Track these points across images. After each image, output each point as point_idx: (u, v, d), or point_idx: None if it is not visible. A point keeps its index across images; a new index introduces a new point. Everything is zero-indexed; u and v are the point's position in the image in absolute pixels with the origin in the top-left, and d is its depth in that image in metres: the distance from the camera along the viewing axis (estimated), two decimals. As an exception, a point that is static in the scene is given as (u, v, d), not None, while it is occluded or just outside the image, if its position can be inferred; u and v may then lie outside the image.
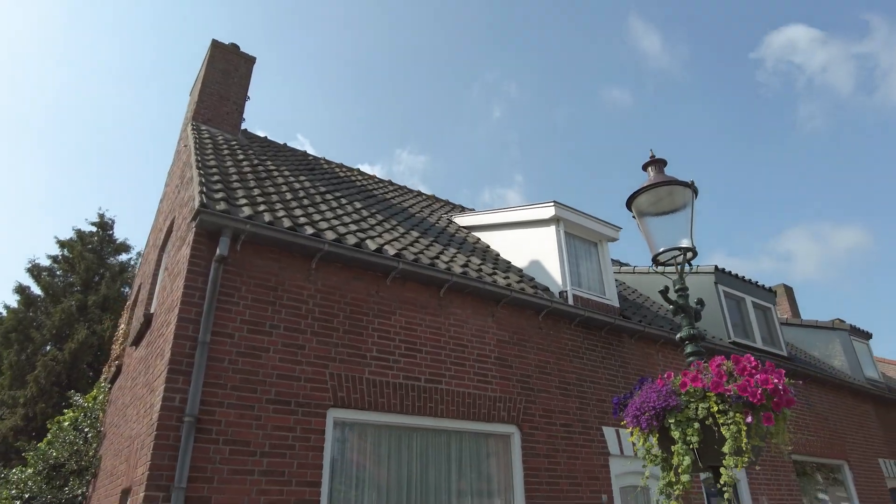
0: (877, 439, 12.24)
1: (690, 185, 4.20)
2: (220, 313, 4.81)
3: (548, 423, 6.67)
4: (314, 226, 5.86)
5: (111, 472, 6.38)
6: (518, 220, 8.84)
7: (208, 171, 6.16)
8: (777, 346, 11.05)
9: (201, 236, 5.01)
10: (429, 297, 6.22)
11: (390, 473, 5.41)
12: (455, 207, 12.06)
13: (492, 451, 6.23)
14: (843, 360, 13.60)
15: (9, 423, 15.49)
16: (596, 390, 7.38)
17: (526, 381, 6.69)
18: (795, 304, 20.63)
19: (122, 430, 6.45)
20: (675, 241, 4.17)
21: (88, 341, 17.16)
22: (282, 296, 5.22)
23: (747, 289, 11.18)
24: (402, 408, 5.56)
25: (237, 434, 4.55)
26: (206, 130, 8.51)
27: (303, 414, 4.92)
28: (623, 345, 8.10)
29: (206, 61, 9.47)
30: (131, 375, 6.80)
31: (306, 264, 5.48)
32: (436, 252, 7.05)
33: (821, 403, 11.25)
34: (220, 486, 4.35)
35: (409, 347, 5.84)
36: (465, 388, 6.11)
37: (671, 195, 4.26)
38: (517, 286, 7.05)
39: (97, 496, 7.12)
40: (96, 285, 19.42)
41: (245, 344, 4.86)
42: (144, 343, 6.39)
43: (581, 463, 6.73)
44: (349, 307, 5.60)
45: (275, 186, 6.97)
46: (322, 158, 10.81)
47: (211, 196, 5.30)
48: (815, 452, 10.43)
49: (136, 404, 5.81)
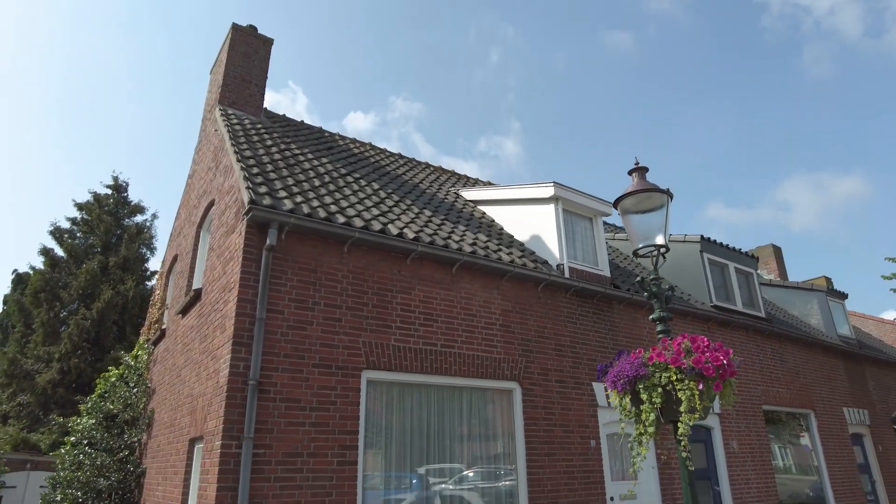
0: (843, 390, 13.44)
1: (667, 192, 5.04)
2: (272, 294, 5.73)
3: (544, 380, 7.72)
4: (343, 213, 6.71)
5: (171, 423, 7.46)
6: (520, 197, 9.66)
7: (247, 163, 6.95)
8: (756, 308, 12.07)
9: (252, 228, 5.87)
10: (443, 274, 7.14)
11: (412, 422, 6.47)
12: (460, 179, 12.83)
13: (496, 404, 7.29)
14: (819, 319, 14.69)
15: (46, 376, 16.71)
16: (587, 351, 8.40)
17: (526, 344, 7.70)
18: (783, 263, 21.62)
19: (178, 388, 7.49)
20: (652, 238, 5.05)
21: (114, 301, 18.22)
22: (321, 277, 6.14)
23: (730, 255, 12.11)
24: (421, 368, 6.56)
25: (290, 393, 5.56)
26: (234, 114, 9.21)
27: (342, 375, 5.92)
28: (613, 310, 9.08)
29: (228, 46, 10.03)
30: (182, 341, 7.79)
31: (339, 249, 6.37)
32: (447, 231, 7.92)
33: (793, 359, 12.37)
34: (279, 435, 5.39)
35: (427, 318, 6.80)
36: (474, 351, 7.11)
37: (650, 198, 5.10)
38: (519, 261, 7.96)
39: (156, 444, 8.24)
40: (116, 247, 20.33)
41: (293, 319, 5.81)
42: (194, 315, 7.35)
43: (573, 413, 7.82)
44: (376, 285, 6.53)
45: (303, 172, 7.77)
46: (336, 134, 11.51)
47: (256, 191, 6.13)
48: (784, 403, 11.61)
49: (193, 368, 6.81)
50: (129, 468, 8.76)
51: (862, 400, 13.92)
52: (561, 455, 7.44)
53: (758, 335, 11.68)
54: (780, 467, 11.77)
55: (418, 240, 6.88)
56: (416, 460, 6.43)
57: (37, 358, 17.36)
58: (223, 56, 10.13)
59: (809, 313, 14.95)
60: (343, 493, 5.55)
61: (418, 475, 6.43)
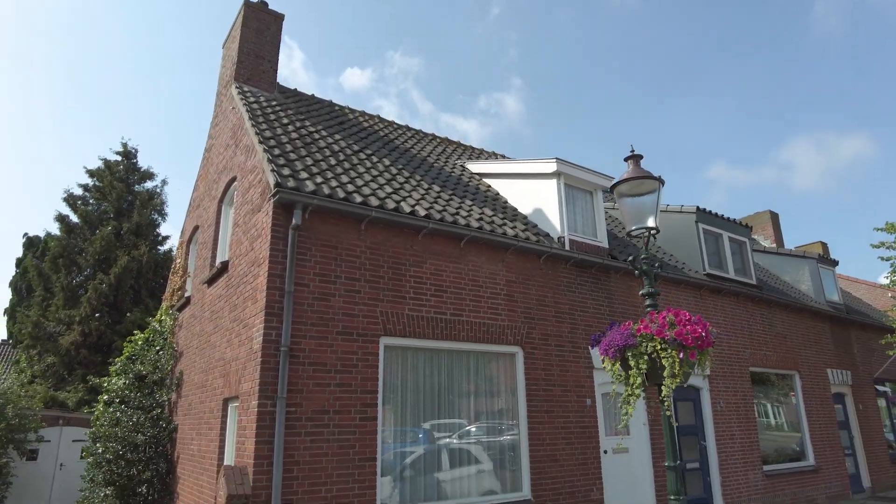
0: (828, 353, 14.16)
1: (658, 178, 5.54)
2: (298, 269, 6.31)
3: (545, 345, 8.37)
4: (360, 192, 7.21)
5: (202, 384, 8.15)
6: (524, 171, 10.13)
7: (269, 145, 7.41)
8: (748, 276, 12.65)
9: (278, 208, 6.40)
10: (452, 248, 7.69)
11: (425, 382, 7.15)
12: (466, 150, 13.24)
13: (501, 366, 7.96)
14: (810, 285, 15.29)
15: (69, 338, 17.49)
16: (585, 317, 9.03)
17: (528, 312, 8.32)
18: (780, 229, 22.17)
19: (207, 352, 8.15)
20: (644, 220, 5.58)
21: (129, 266, 18.84)
22: (341, 253, 6.70)
23: (725, 225, 12.62)
24: (433, 335, 7.19)
25: (317, 358, 6.19)
26: (249, 92, 9.60)
27: (362, 342, 6.55)
28: (610, 279, 9.67)
29: (241, 22, 10.31)
30: (209, 309, 8.41)
31: (357, 227, 6.90)
32: (455, 206, 8.44)
33: (781, 324, 13.03)
34: (308, 395, 6.05)
35: (438, 289, 7.39)
36: (480, 319, 7.72)
37: (643, 184, 5.61)
38: (522, 235, 8.51)
39: (186, 402, 8.97)
40: (128, 213, 20.82)
41: (318, 291, 6.39)
42: (222, 285, 7.94)
43: (570, 374, 8.50)
44: (391, 259, 7.09)
45: (320, 151, 8.23)
46: (346, 108, 11.88)
47: (280, 173, 6.63)
48: (770, 365, 12.33)
49: (223, 334, 7.45)
50: (161, 424, 9.53)
51: (846, 362, 14.66)
52: (559, 412, 8.16)
53: (748, 301, 12.30)
54: (773, 425, 12.63)
55: (429, 217, 7.40)
56: (427, 416, 7.13)
57: (58, 321, 18.09)
58: (236, 32, 10.43)
59: (801, 279, 15.54)
60: (365, 445, 6.26)
61: (429, 429, 7.14)
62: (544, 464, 7.76)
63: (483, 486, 7.38)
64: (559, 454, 7.95)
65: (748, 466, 10.89)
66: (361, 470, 6.16)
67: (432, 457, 7.05)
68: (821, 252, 23.73)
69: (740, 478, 10.65)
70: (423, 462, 6.96)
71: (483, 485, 7.38)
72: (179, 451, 8.93)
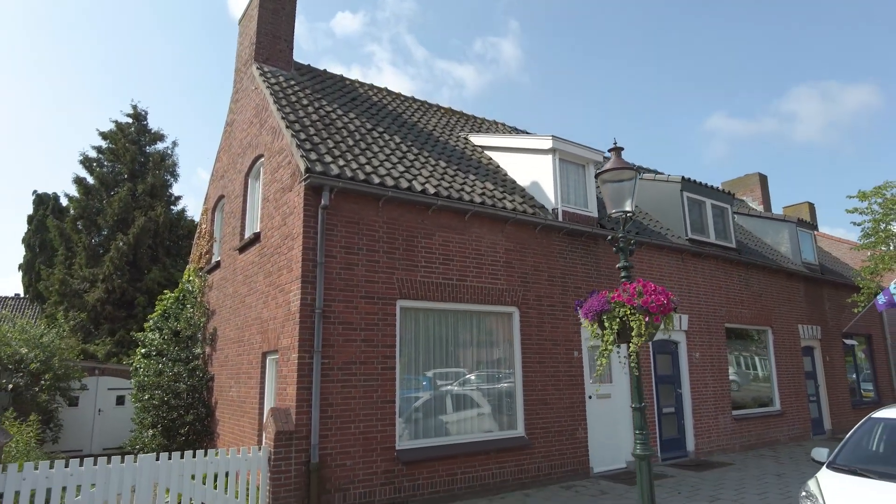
0: (801, 310, 15.39)
1: (635, 169, 6.51)
2: (327, 242, 7.34)
3: (538, 305, 9.50)
4: (377, 173, 8.17)
5: (239, 339, 9.31)
6: (522, 146, 11.03)
7: (294, 129, 8.31)
8: (728, 240, 13.72)
9: (308, 190, 7.38)
10: (458, 221, 8.71)
11: (434, 338, 8.30)
12: (468, 121, 14.03)
13: (500, 323, 9.11)
14: (788, 247, 16.39)
15: (94, 295, 18.66)
16: (575, 280, 10.14)
17: (524, 276, 9.41)
18: (768, 191, 23.14)
19: (243, 312, 9.27)
20: (622, 204, 6.58)
21: (147, 226, 19.84)
22: (362, 228, 7.72)
23: (708, 193, 13.60)
24: (441, 298, 8.30)
25: (345, 318, 7.31)
26: (269, 72, 10.38)
27: (381, 304, 7.65)
28: (598, 246, 10.73)
29: (258, 3, 10.97)
30: (242, 273, 9.49)
31: (376, 205, 7.90)
32: (460, 182, 9.40)
33: (758, 284, 14.19)
34: (338, 349, 7.19)
35: (445, 258, 8.46)
36: (482, 283, 8.82)
37: (623, 173, 6.58)
38: (520, 208, 9.51)
39: (222, 355, 10.16)
40: (142, 174, 21.66)
41: (344, 261, 7.45)
42: (254, 253, 8.99)
43: (560, 331, 9.68)
44: (405, 232, 8.12)
45: (338, 132, 9.12)
46: (356, 82, 12.62)
47: (308, 157, 7.57)
48: (745, 322, 13.56)
49: (259, 297, 8.55)
50: (198, 375, 10.76)
51: (816, 318, 15.92)
52: (550, 363, 9.37)
53: (727, 263, 13.41)
54: (759, 376, 13.98)
55: (437, 194, 8.39)
56: (436, 366, 8.32)
57: (83, 279, 19.21)
58: (253, 12, 11.11)
59: (781, 241, 16.62)
60: (385, 390, 7.46)
61: (434, 377, 8.35)
62: (536, 407, 9.02)
63: (483, 426, 8.65)
64: (549, 398, 9.21)
65: (719, 411, 12.25)
66: (383, 410, 7.38)
67: (440, 401, 8.29)
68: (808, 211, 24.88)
69: (711, 421, 12.03)
70: (432, 405, 8.20)
71: (483, 425, 8.66)
72: (217, 398, 10.19)
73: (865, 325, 17.98)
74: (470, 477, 7.99)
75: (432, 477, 7.63)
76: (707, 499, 8.10)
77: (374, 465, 7.18)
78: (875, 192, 14.63)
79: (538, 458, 8.84)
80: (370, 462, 7.16)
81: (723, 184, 23.72)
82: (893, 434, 5.96)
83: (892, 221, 14.54)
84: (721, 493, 8.46)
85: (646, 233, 11.74)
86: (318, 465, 6.74)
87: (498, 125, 14.97)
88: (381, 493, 7.17)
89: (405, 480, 7.39)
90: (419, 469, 7.54)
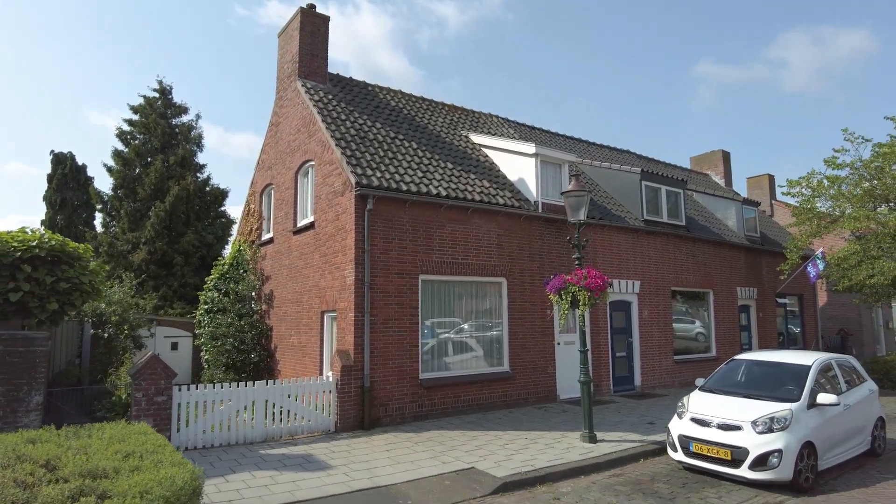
0: (740, 275, 18.68)
1: (587, 192, 9.48)
2: (371, 235, 10.31)
3: (521, 276, 12.61)
4: (403, 181, 11.04)
5: (297, 300, 12.37)
6: (511, 149, 13.87)
7: (341, 146, 11.11)
8: (679, 219, 16.77)
9: (357, 197, 10.28)
10: (462, 215, 11.68)
11: (444, 302, 11.42)
12: (469, 117, 16.73)
13: (492, 291, 12.23)
14: (735, 222, 19.53)
15: (139, 255, 21.54)
16: (550, 258, 13.22)
17: (511, 255, 12.47)
18: (730, 168, 26.14)
19: (300, 280, 12.30)
20: (578, 213, 9.57)
21: (180, 195, 22.54)
22: (394, 223, 10.68)
23: (664, 181, 16.56)
24: (450, 272, 11.36)
25: (384, 288, 10.37)
26: (311, 87, 13.03)
27: (408, 278, 10.71)
28: (569, 230, 13.75)
29: (298, 26, 13.46)
30: (298, 251, 12.47)
31: (403, 206, 10.83)
32: (464, 183, 12.30)
33: (703, 254, 17.37)
34: (379, 310, 10.28)
35: (453, 244, 11.47)
36: (480, 261, 11.87)
37: (579, 193, 9.55)
38: (510, 202, 12.46)
39: (280, 311, 13.24)
40: (172, 146, 24.15)
41: (382, 248, 10.45)
42: (309, 237, 11.95)
43: (537, 296, 12.83)
44: (424, 226, 11.09)
45: (370, 143, 11.91)
46: (376, 86, 15.23)
47: (356, 171, 10.43)
48: (690, 285, 16.80)
49: (315, 270, 11.56)
50: (258, 326, 13.87)
51: (753, 281, 19.24)
52: (528, 319, 12.57)
53: (676, 239, 16.53)
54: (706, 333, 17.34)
55: (448, 196, 11.32)
56: (446, 321, 11.47)
57: (126, 241, 22.01)
58: (293, 32, 13.63)
59: (728, 217, 19.75)
60: (412, 338, 10.62)
61: (447, 328, 11.51)
62: (518, 350, 12.27)
63: (479, 363, 11.89)
64: (528, 344, 12.45)
65: (662, 356, 15.63)
66: (410, 352, 10.56)
67: (450, 345, 11.47)
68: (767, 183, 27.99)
69: (655, 363, 15.41)
70: (444, 348, 11.39)
71: (479, 363, 11.90)
72: (276, 344, 13.35)
73: (799, 287, 21.37)
74: (470, 398, 11.28)
75: (444, 398, 10.91)
76: (637, 415, 11.47)
77: (405, 388, 10.42)
78: (805, 180, 17.64)
79: (519, 387, 12.15)
80: (402, 387, 10.39)
81: (691, 158, 26.67)
82: (747, 369, 9.19)
83: (816, 202, 17.61)
84: (649, 412, 11.84)
85: (609, 216, 14.76)
86: (369, 389, 9.94)
87: (493, 118, 17.68)
88: (409, 408, 10.44)
89: (425, 399, 10.66)
90: (435, 392, 10.79)
